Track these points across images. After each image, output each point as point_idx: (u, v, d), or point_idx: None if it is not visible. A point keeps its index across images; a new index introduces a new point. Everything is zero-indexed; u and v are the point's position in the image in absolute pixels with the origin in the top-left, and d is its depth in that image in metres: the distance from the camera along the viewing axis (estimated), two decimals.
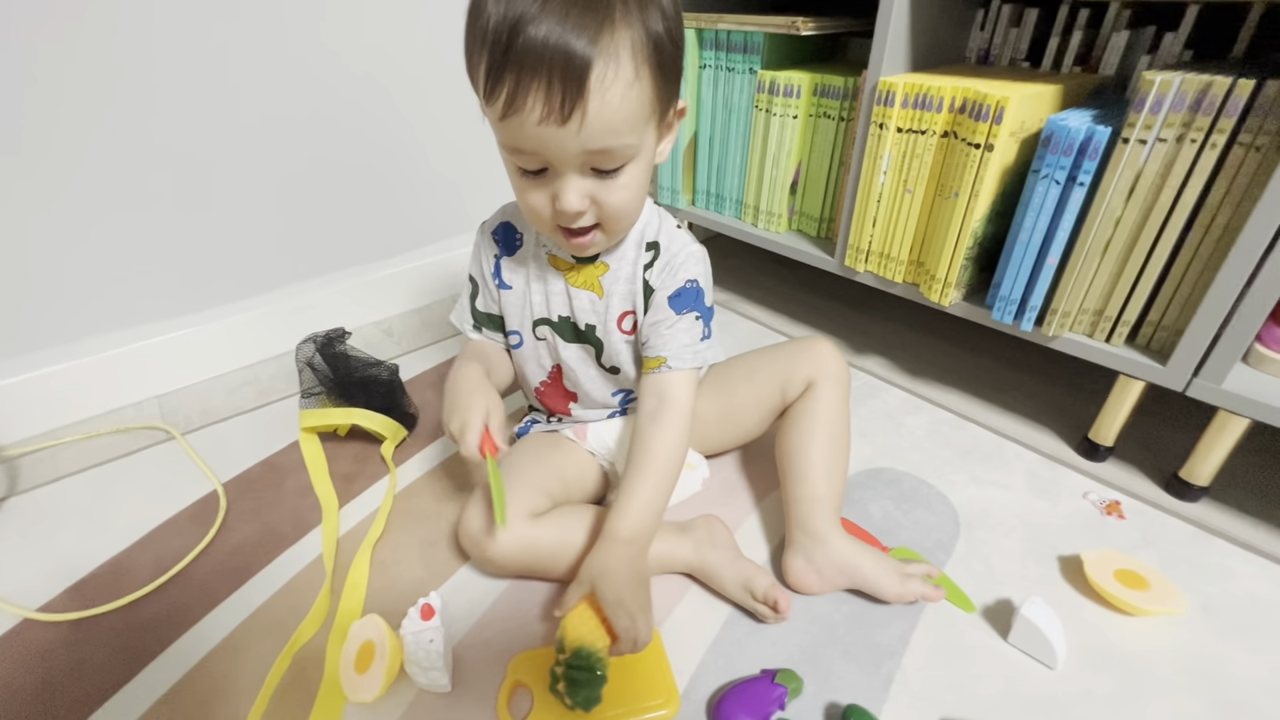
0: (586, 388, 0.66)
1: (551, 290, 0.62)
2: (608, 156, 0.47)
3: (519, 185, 0.51)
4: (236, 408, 0.88)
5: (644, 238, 0.60)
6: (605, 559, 0.53)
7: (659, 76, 0.47)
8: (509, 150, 0.48)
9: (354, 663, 0.52)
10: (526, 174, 0.49)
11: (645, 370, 0.61)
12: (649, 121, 0.48)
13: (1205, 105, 0.58)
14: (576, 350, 0.64)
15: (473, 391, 0.59)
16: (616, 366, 0.64)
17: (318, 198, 0.98)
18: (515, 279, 0.63)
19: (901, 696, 0.52)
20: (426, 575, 0.62)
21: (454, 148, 1.09)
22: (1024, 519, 0.69)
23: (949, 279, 0.77)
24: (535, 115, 0.43)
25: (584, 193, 0.49)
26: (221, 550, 0.65)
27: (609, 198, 0.50)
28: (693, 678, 0.53)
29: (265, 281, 0.97)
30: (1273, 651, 0.55)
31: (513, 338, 0.66)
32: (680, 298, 0.60)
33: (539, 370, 0.67)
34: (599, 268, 0.60)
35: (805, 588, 0.59)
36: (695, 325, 0.60)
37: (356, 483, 0.74)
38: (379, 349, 1.02)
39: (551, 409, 0.70)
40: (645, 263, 0.60)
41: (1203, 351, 0.63)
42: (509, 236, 0.63)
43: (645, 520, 0.56)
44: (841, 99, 0.89)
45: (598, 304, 0.61)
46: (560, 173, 0.48)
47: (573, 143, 0.45)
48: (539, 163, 0.48)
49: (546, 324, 0.63)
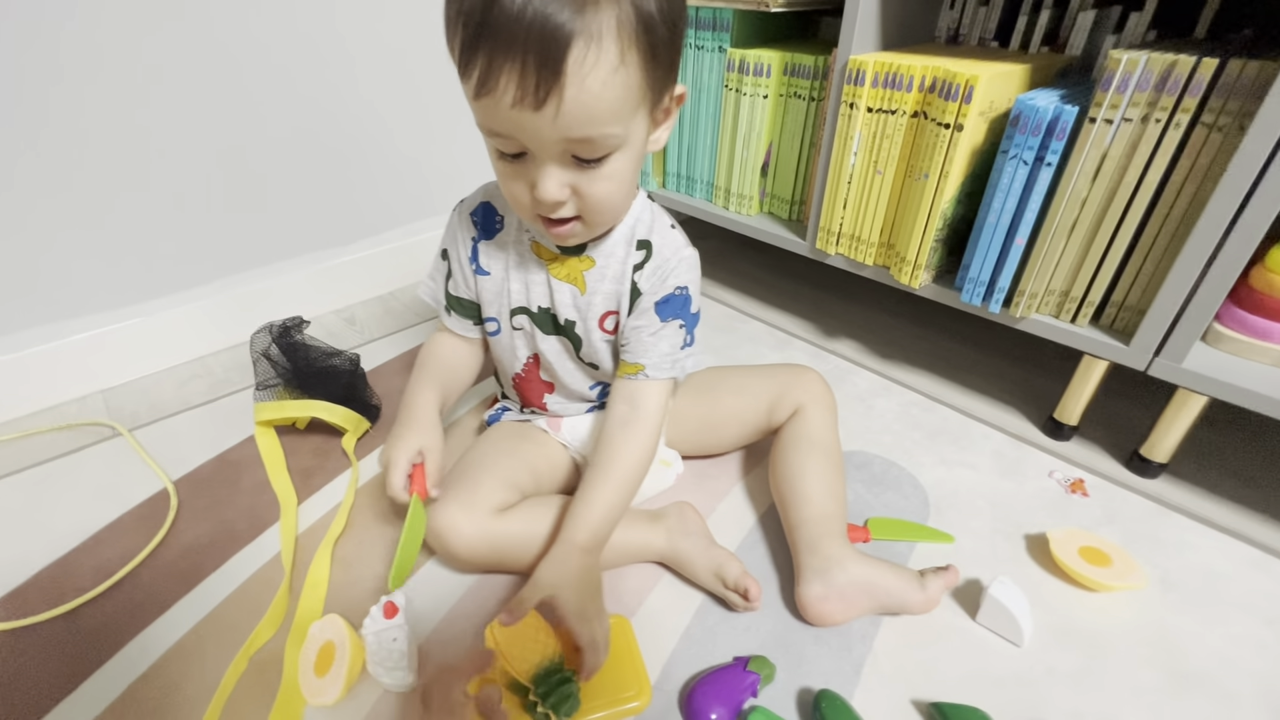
0: (565, 380, 0.64)
1: (532, 280, 0.59)
2: (589, 146, 0.44)
3: (498, 168, 0.48)
4: (187, 402, 0.84)
5: (635, 235, 0.57)
6: (564, 568, 0.51)
7: (649, 61, 0.42)
8: (485, 131, 0.45)
9: (314, 665, 0.50)
10: (505, 157, 0.46)
11: (620, 373, 0.59)
12: (638, 109, 0.44)
13: (1170, 85, 0.58)
14: (555, 343, 0.62)
15: (412, 425, 0.57)
16: (595, 363, 0.62)
17: (275, 179, 0.93)
18: (494, 265, 0.60)
19: (872, 679, 0.52)
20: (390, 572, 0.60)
21: (422, 126, 1.05)
22: (991, 499, 0.69)
23: (919, 261, 0.77)
24: (508, 98, 0.40)
25: (564, 182, 0.46)
26: (172, 552, 0.62)
27: (591, 189, 0.47)
28: (664, 668, 0.53)
29: (218, 268, 0.93)
30: (1226, 622, 0.57)
31: (489, 324, 0.63)
32: (668, 304, 0.57)
33: (515, 360, 0.65)
34: (584, 262, 0.57)
35: (828, 617, 0.54)
36: (678, 334, 0.58)
37: (316, 477, 0.71)
38: (340, 338, 0.98)
39: (527, 400, 0.68)
40: (635, 263, 0.57)
41: (1164, 331, 0.64)
42: (489, 218, 0.60)
43: (604, 529, 0.55)
44: (812, 78, 0.87)
45: (579, 300, 0.58)
46: (539, 159, 0.45)
47: (549, 130, 0.42)
48: (517, 146, 0.44)
49: (525, 314, 0.60)
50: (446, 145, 1.09)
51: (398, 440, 0.57)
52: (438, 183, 1.11)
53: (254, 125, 0.88)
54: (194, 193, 0.87)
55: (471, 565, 0.58)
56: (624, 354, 0.59)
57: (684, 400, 0.68)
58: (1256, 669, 0.53)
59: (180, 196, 0.86)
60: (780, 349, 0.97)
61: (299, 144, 0.93)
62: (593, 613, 0.49)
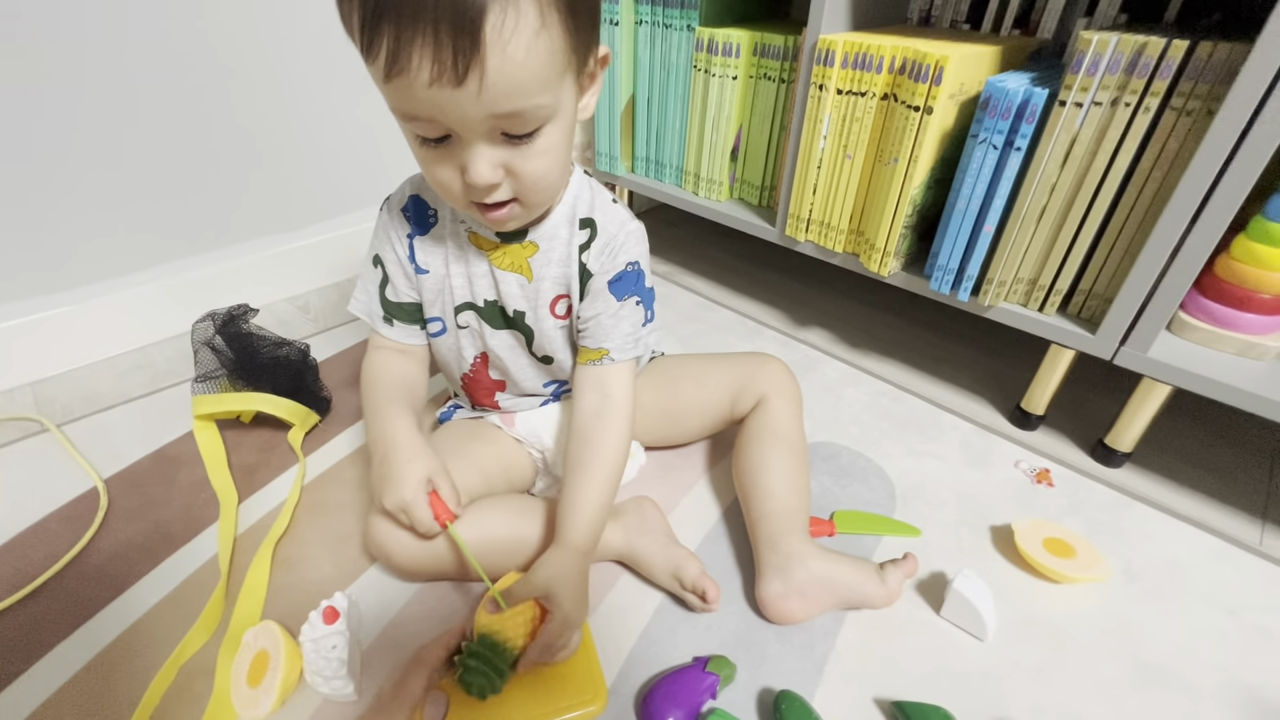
0: (517, 377, 0.61)
1: (474, 273, 0.55)
2: (518, 120, 0.40)
3: (421, 157, 0.44)
4: (125, 394, 0.79)
5: (576, 213, 0.54)
6: (565, 569, 0.49)
7: (570, 19, 0.39)
8: (401, 116, 0.41)
9: (246, 675, 0.47)
10: (428, 143, 0.42)
11: (583, 360, 0.57)
12: (564, 75, 0.41)
13: (1140, 67, 0.56)
14: (505, 337, 0.58)
15: (409, 459, 0.51)
16: (549, 355, 0.59)
17: (224, 159, 0.88)
18: (432, 261, 0.55)
19: (835, 677, 0.51)
20: (336, 573, 0.57)
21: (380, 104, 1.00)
22: (958, 490, 0.68)
23: (888, 248, 0.76)
24: (424, 76, 0.36)
25: (496, 162, 0.42)
26: (99, 555, 0.58)
27: (525, 166, 0.43)
28: (622, 670, 0.51)
29: (162, 252, 0.87)
30: (1185, 613, 0.57)
31: (433, 325, 0.59)
32: (621, 282, 0.55)
33: (462, 361, 0.61)
34: (527, 248, 0.54)
35: (788, 615, 0.53)
36: (637, 311, 0.56)
37: (260, 474, 0.68)
38: (294, 327, 0.94)
39: (477, 399, 0.65)
40: (581, 243, 0.54)
41: (1130, 319, 0.64)
42: (420, 212, 0.55)
43: (597, 527, 0.53)
44: (782, 59, 0.85)
45: (527, 288, 0.55)
46: (466, 141, 0.41)
47: (474, 107, 0.38)
48: (439, 130, 0.41)
49: (471, 309, 0.57)
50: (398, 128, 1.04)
51: (402, 481, 0.50)
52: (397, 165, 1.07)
53: (200, 101, 0.83)
54: (136, 172, 0.81)
55: (416, 576, 0.55)
56: (584, 340, 0.56)
57: (645, 390, 0.65)
58: (1217, 661, 0.53)
59: (121, 175, 0.80)
60: (750, 338, 0.95)
61: (250, 121, 0.88)
62: (576, 619, 0.48)
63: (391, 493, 0.50)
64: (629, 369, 0.57)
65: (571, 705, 0.47)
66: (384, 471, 0.51)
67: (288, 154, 0.94)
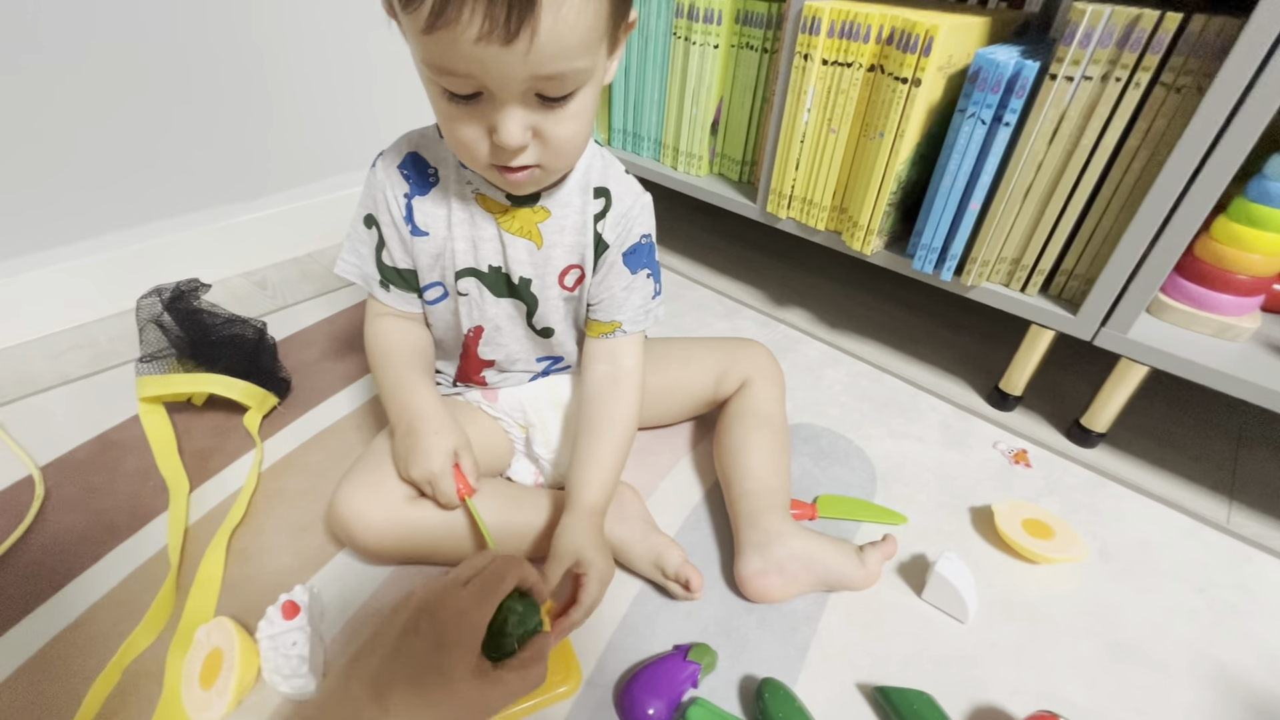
0: (511, 350, 0.58)
1: (480, 236, 0.52)
2: (558, 82, 0.38)
3: (445, 112, 0.42)
4: (64, 375, 0.74)
5: (589, 182, 0.52)
6: (589, 531, 0.50)
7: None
8: (434, 70, 0.38)
9: (199, 675, 0.44)
10: (456, 99, 0.40)
11: (595, 334, 0.57)
12: (603, 39, 0.39)
13: (1133, 41, 0.55)
14: (506, 306, 0.55)
15: (437, 431, 0.51)
16: (549, 328, 0.57)
17: (172, 123, 0.81)
18: (433, 223, 0.52)
19: (817, 663, 0.50)
20: (296, 564, 0.54)
21: (343, 66, 0.94)
22: (937, 471, 0.68)
23: (871, 226, 0.74)
24: (472, 31, 0.34)
25: (526, 125, 0.40)
26: (35, 548, 0.54)
27: (556, 130, 0.41)
28: (600, 660, 0.49)
29: (103, 222, 0.81)
30: (1158, 591, 0.57)
31: (431, 291, 0.55)
32: (635, 255, 0.55)
33: (458, 331, 0.57)
34: (538, 213, 0.51)
35: (767, 593, 0.52)
36: (648, 284, 0.56)
37: (214, 460, 0.64)
38: (251, 304, 0.89)
39: (464, 374, 0.61)
40: (595, 212, 0.52)
41: (1112, 300, 0.63)
42: (420, 171, 0.52)
43: (610, 489, 0.54)
44: (765, 27, 0.82)
45: (536, 255, 0.52)
46: (500, 100, 0.39)
47: (519, 66, 0.36)
48: (472, 86, 0.38)
49: (473, 275, 0.53)
50: (368, 90, 0.98)
51: (430, 453, 0.50)
52: (358, 133, 1.01)
53: (148, 60, 0.77)
54: (75, 134, 0.75)
55: (381, 557, 0.53)
56: (596, 313, 0.56)
57: None
58: (1187, 637, 0.53)
59: (57, 138, 0.74)
60: (728, 317, 0.93)
61: (202, 80, 0.82)
62: (609, 576, 0.49)
63: (420, 464, 0.50)
64: (639, 340, 0.57)
65: (546, 688, 0.46)
66: (410, 443, 0.51)
67: (244, 117, 0.88)
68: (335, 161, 1.00)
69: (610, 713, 0.46)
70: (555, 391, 0.61)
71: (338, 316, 0.87)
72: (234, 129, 0.88)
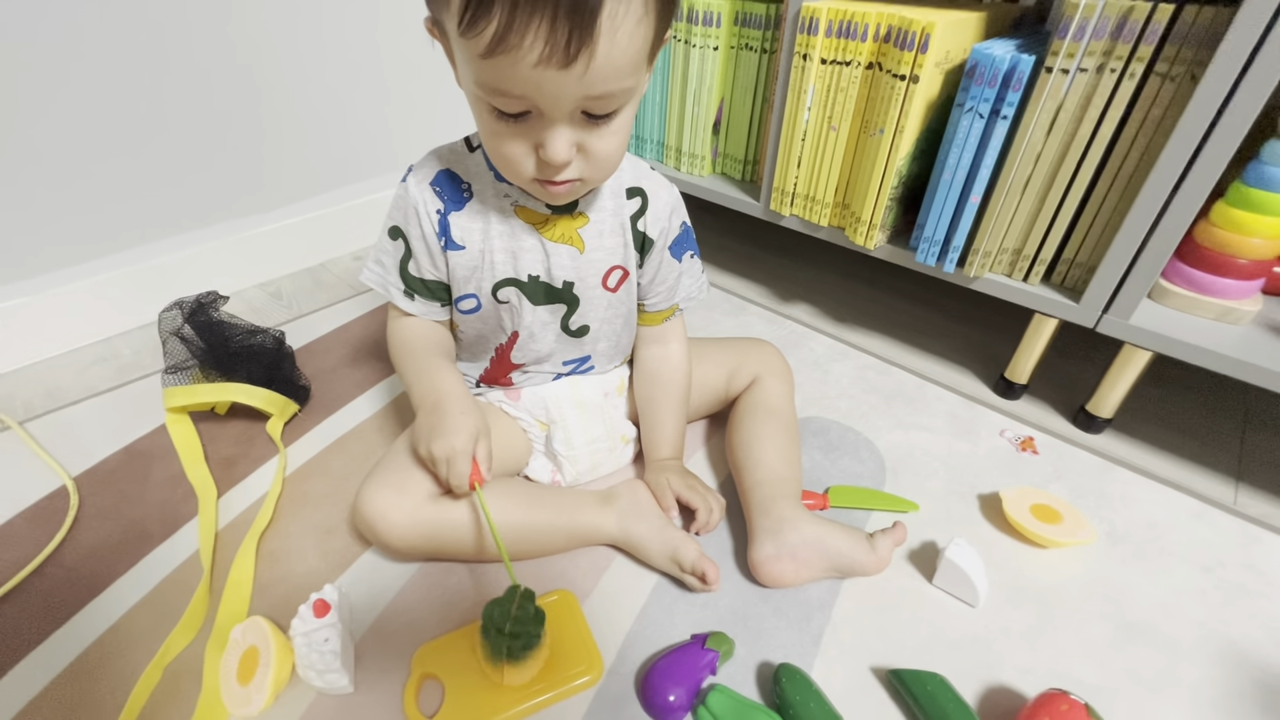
0: (541, 353, 0.59)
1: (521, 247, 0.53)
2: (606, 101, 0.41)
3: (492, 129, 0.43)
4: (91, 388, 0.76)
5: (621, 184, 0.55)
6: (661, 472, 0.59)
7: (665, 7, 0.40)
8: (487, 91, 0.40)
9: (236, 672, 0.46)
10: (504, 118, 0.41)
11: (655, 322, 0.63)
12: (647, 59, 0.41)
13: (1126, 31, 0.56)
14: (543, 314, 0.57)
15: (464, 411, 0.51)
16: (585, 326, 0.59)
17: (189, 137, 0.84)
18: (470, 237, 0.53)
19: (832, 649, 0.51)
20: (323, 565, 0.56)
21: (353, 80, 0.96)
22: (945, 460, 0.69)
23: (874, 221, 0.75)
24: (533, 56, 0.36)
25: (573, 141, 0.43)
26: (71, 556, 0.56)
27: (599, 145, 0.44)
28: (620, 650, 0.50)
29: (123, 238, 0.83)
30: (1166, 572, 0.58)
31: (465, 302, 0.56)
32: (679, 244, 0.60)
33: (499, 335, 0.59)
34: (578, 219, 0.54)
35: (780, 578, 0.54)
36: (694, 263, 0.64)
37: (239, 466, 0.66)
38: (266, 314, 0.91)
39: (494, 376, 0.62)
40: (632, 213, 0.56)
41: (1114, 287, 0.64)
42: (453, 187, 0.53)
43: (680, 438, 0.63)
44: (764, 28, 0.83)
45: (579, 259, 0.55)
46: (550, 119, 0.41)
47: (574, 88, 0.38)
48: (523, 106, 0.40)
49: (513, 284, 0.55)
50: (380, 102, 1.00)
51: (455, 430, 0.50)
52: (368, 143, 1.03)
53: (164, 77, 0.79)
54: (95, 152, 0.77)
55: (406, 554, 0.54)
56: (654, 304, 0.61)
57: None
58: (1196, 617, 0.54)
59: (78, 156, 0.76)
60: (735, 314, 0.94)
61: (217, 98, 0.84)
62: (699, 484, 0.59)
63: (443, 440, 0.49)
64: (682, 317, 0.65)
65: (567, 678, 0.47)
66: (434, 421, 0.51)
67: (257, 132, 0.90)
68: (345, 171, 1.02)
69: (632, 701, 0.47)
70: (577, 390, 0.63)
71: (353, 324, 0.89)
72: (246, 142, 0.90)
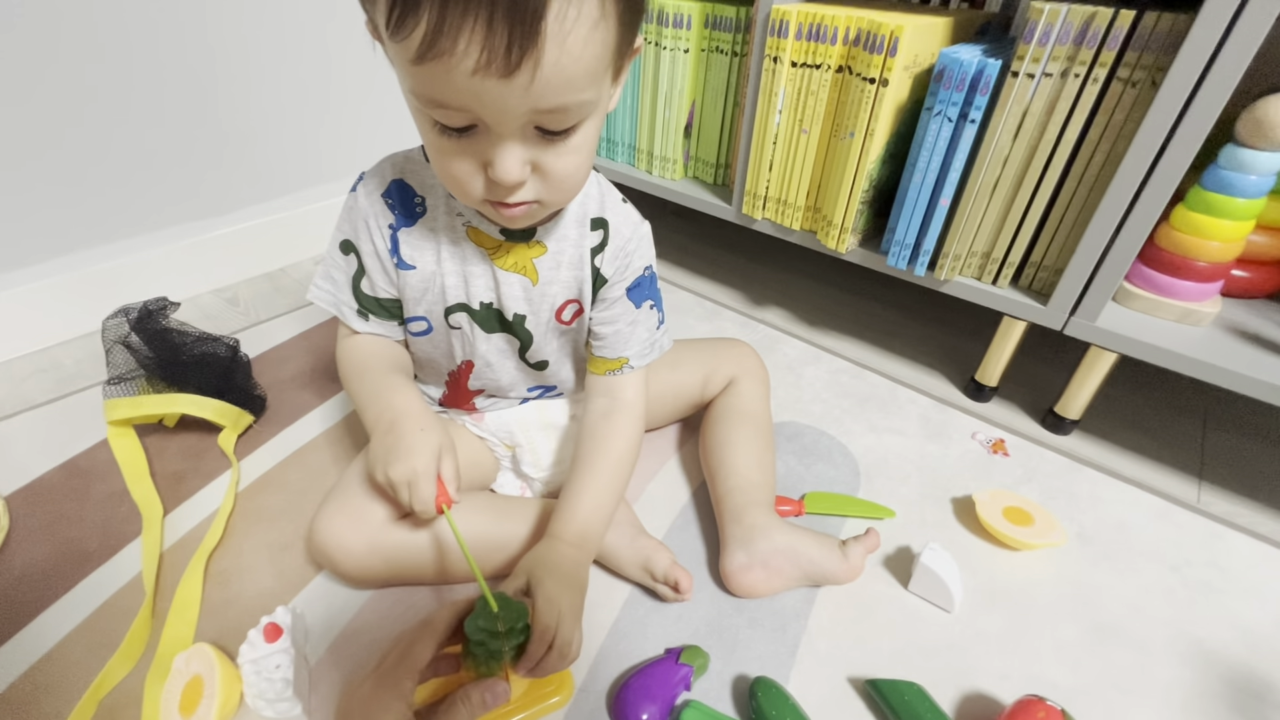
0: (501, 383, 0.56)
1: (471, 272, 0.49)
2: (560, 116, 0.36)
3: (435, 145, 0.38)
4: (27, 400, 0.72)
5: (586, 213, 0.50)
6: (546, 554, 0.47)
7: (626, 12, 0.35)
8: (424, 102, 0.35)
9: (178, 704, 0.43)
10: (448, 133, 0.37)
11: (600, 371, 0.55)
12: (609, 69, 0.37)
13: (1089, 37, 0.57)
14: (498, 341, 0.53)
15: (423, 428, 0.46)
16: (544, 361, 0.55)
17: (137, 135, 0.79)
18: (421, 257, 0.49)
19: (808, 660, 0.50)
20: (277, 585, 0.53)
21: (316, 76, 0.92)
22: (918, 464, 0.69)
23: (845, 224, 0.75)
24: (469, 63, 0.31)
25: (525, 159, 0.37)
26: (1, 581, 0.52)
27: (556, 165, 0.38)
28: (592, 667, 0.49)
29: (65, 241, 0.79)
30: (1136, 572, 0.59)
31: (416, 324, 0.52)
32: (638, 288, 0.54)
33: (450, 361, 0.55)
34: (534, 248, 0.49)
35: (750, 588, 0.52)
36: (652, 315, 0.55)
37: (188, 482, 0.62)
38: (222, 321, 0.87)
39: (453, 401, 0.59)
40: (593, 245, 0.50)
41: (1080, 290, 0.65)
42: (406, 200, 0.48)
43: (593, 524, 0.50)
44: (734, 31, 0.82)
45: (531, 291, 0.50)
46: (497, 135, 0.36)
47: (519, 100, 0.33)
48: (467, 119, 0.35)
49: (464, 310, 0.51)
50: (340, 101, 0.97)
51: (414, 450, 0.45)
52: (331, 145, 1.00)
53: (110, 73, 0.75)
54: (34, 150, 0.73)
55: (365, 582, 0.52)
56: (602, 350, 0.54)
57: None
58: (1165, 616, 0.55)
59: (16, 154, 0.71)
60: (708, 319, 0.94)
61: (168, 93, 0.80)
62: (565, 605, 0.43)
63: (401, 461, 0.45)
64: (643, 374, 0.56)
65: (537, 699, 0.45)
66: (391, 441, 0.46)
67: (214, 131, 0.86)
68: (307, 174, 0.99)
69: (604, 717, 0.46)
70: (545, 413, 0.60)
71: (313, 331, 0.85)
72: (202, 142, 0.86)
